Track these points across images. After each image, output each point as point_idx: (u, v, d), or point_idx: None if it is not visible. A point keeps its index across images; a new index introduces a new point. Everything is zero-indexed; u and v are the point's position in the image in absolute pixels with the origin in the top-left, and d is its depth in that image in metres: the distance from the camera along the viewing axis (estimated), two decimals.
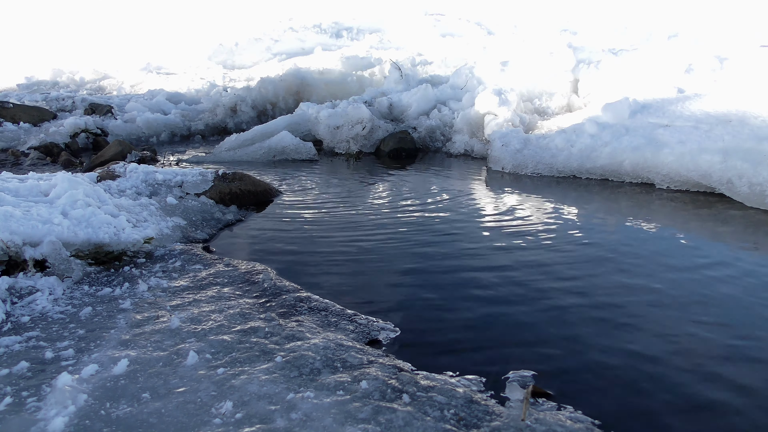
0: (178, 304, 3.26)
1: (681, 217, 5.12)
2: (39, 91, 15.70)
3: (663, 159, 6.19)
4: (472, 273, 3.83)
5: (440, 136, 9.44)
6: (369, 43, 20.25)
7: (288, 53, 19.42)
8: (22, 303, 3.24)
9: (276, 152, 8.67)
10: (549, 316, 3.19)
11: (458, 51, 15.78)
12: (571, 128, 7.51)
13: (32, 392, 2.34)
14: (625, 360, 2.72)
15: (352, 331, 2.98)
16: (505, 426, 2.15)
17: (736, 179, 5.49)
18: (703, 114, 7.09)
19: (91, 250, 3.83)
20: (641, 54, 9.43)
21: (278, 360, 2.57)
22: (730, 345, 2.85)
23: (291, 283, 3.63)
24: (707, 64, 8.77)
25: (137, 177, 5.41)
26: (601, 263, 3.97)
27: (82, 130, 9.76)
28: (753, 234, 4.63)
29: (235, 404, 2.24)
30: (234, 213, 5.40)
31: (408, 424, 2.12)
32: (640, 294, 3.46)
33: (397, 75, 11.42)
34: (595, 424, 2.22)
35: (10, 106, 10.46)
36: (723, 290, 3.50)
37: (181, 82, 15.04)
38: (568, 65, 9.69)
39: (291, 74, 13.26)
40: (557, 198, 5.86)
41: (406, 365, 2.65)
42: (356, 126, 9.17)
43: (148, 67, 19.20)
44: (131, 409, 2.21)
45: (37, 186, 4.29)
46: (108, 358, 2.59)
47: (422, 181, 6.94)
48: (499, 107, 8.43)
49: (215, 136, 11.45)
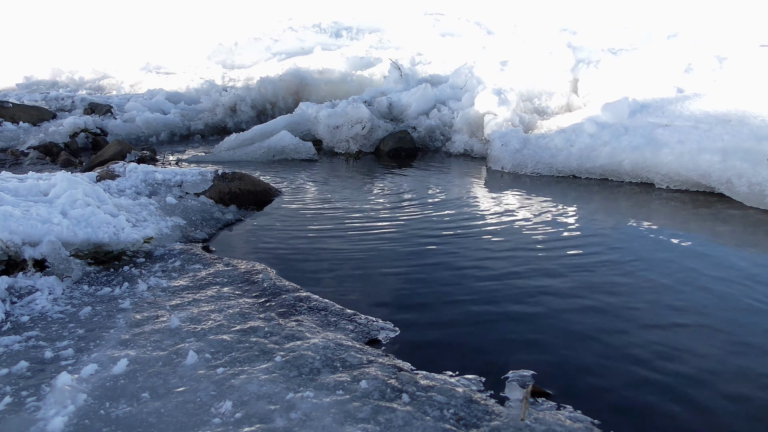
0: (178, 303, 3.26)
1: (680, 217, 5.12)
2: (38, 90, 15.69)
3: (662, 159, 6.19)
4: (471, 272, 3.83)
5: (440, 136, 9.44)
6: (368, 42, 20.27)
7: (287, 53, 19.44)
8: (22, 303, 3.24)
9: (275, 152, 8.67)
10: (549, 315, 3.19)
11: (458, 51, 15.80)
12: (570, 128, 7.51)
13: (32, 392, 2.34)
14: (625, 360, 2.72)
15: (351, 331, 2.98)
16: (504, 425, 2.15)
17: (736, 179, 5.49)
18: (702, 114, 7.10)
19: (91, 249, 3.83)
20: (641, 54, 9.43)
21: (278, 360, 2.57)
22: (730, 344, 2.85)
23: (290, 283, 3.63)
24: (707, 63, 8.78)
25: (137, 177, 5.41)
26: (600, 263, 3.97)
27: (82, 130, 9.77)
28: (752, 234, 4.63)
29: (235, 404, 2.24)
30: (233, 213, 5.40)
31: (407, 423, 2.12)
32: (640, 294, 3.46)
33: (396, 75, 11.42)
34: (594, 424, 2.22)
35: (9, 106, 10.45)
36: (723, 290, 3.50)
37: (181, 82, 15.04)
38: (568, 65, 9.70)
39: (290, 74, 13.26)
40: (557, 198, 5.86)
41: (406, 365, 2.65)
42: (356, 126, 9.17)
43: (147, 67, 19.20)
44: (131, 409, 2.21)
45: (36, 186, 4.29)
46: (107, 358, 2.59)
47: (422, 180, 6.94)
48: (499, 107, 8.43)
49: (215, 135, 11.46)
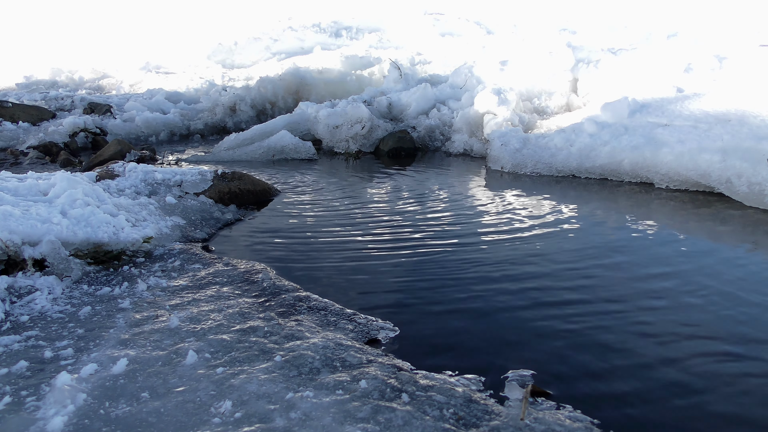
0: (178, 303, 3.26)
1: (680, 217, 5.12)
2: (38, 90, 15.69)
3: (662, 158, 6.19)
4: (471, 272, 3.83)
5: (439, 136, 9.44)
6: (368, 42, 20.26)
7: (287, 52, 19.44)
8: (21, 302, 3.24)
9: (275, 152, 8.67)
10: (548, 315, 3.19)
11: (457, 50, 15.81)
12: (570, 128, 7.51)
13: (31, 391, 2.34)
14: (625, 360, 2.72)
15: (351, 331, 2.99)
16: (504, 425, 2.15)
17: (735, 178, 5.49)
18: (702, 113, 7.09)
19: (90, 249, 3.83)
20: (640, 53, 9.43)
21: (277, 359, 2.57)
22: (730, 344, 2.85)
23: (290, 283, 3.63)
24: (706, 63, 8.78)
25: (136, 176, 5.41)
26: (600, 263, 3.97)
27: (81, 130, 9.77)
28: (752, 233, 4.64)
29: (235, 403, 2.24)
30: (233, 212, 5.40)
31: (407, 423, 2.12)
32: (640, 294, 3.46)
33: (396, 74, 11.42)
34: (594, 424, 2.22)
35: (9, 106, 10.45)
36: (724, 291, 3.50)
37: (181, 82, 15.05)
38: (568, 64, 9.70)
39: (290, 73, 13.26)
40: (556, 197, 5.86)
41: (406, 364, 2.65)
42: (355, 125, 9.17)
43: (147, 67, 19.20)
44: (130, 409, 2.21)
45: (36, 185, 4.29)
46: (107, 358, 2.59)
47: (421, 180, 6.94)
48: (499, 107, 8.43)
49: (214, 135, 11.46)
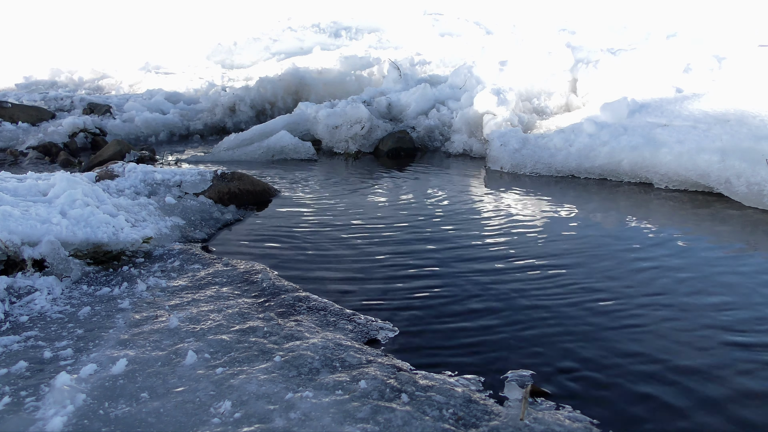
0: (177, 303, 3.26)
1: (679, 217, 5.12)
2: (37, 90, 15.67)
3: (661, 158, 6.19)
4: (471, 272, 3.83)
5: (439, 136, 9.44)
6: (368, 42, 20.28)
7: (287, 53, 19.45)
8: (21, 302, 3.24)
9: (275, 152, 8.67)
10: (548, 315, 3.19)
11: (457, 50, 15.81)
12: (569, 128, 7.52)
13: (31, 392, 2.34)
14: (624, 359, 2.72)
15: (350, 331, 2.99)
16: (503, 425, 2.15)
17: (734, 179, 5.49)
18: (701, 113, 7.10)
19: (90, 249, 3.83)
20: (640, 54, 9.43)
21: (277, 359, 2.58)
22: (730, 344, 2.86)
23: (290, 283, 3.63)
24: (706, 63, 8.78)
25: (136, 177, 5.40)
26: (599, 263, 3.97)
27: (81, 130, 9.76)
28: (751, 233, 4.64)
29: (234, 404, 2.24)
30: (233, 212, 5.40)
31: (407, 423, 2.12)
32: (640, 294, 3.46)
33: (395, 74, 11.41)
34: (593, 424, 2.23)
35: (8, 106, 10.44)
36: (724, 291, 3.51)
37: (180, 82, 15.03)
38: (567, 65, 9.70)
39: (290, 74, 13.24)
40: (556, 198, 5.87)
41: (405, 365, 2.66)
42: (355, 125, 9.17)
43: (146, 67, 19.17)
44: (130, 409, 2.21)
45: (35, 185, 4.29)
46: (107, 358, 2.59)
47: (421, 180, 6.95)
48: (498, 107, 8.43)
49: (214, 135, 11.44)
